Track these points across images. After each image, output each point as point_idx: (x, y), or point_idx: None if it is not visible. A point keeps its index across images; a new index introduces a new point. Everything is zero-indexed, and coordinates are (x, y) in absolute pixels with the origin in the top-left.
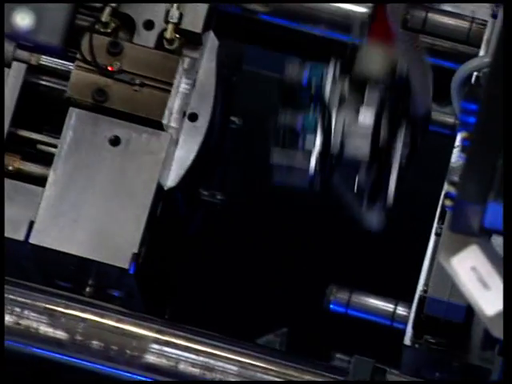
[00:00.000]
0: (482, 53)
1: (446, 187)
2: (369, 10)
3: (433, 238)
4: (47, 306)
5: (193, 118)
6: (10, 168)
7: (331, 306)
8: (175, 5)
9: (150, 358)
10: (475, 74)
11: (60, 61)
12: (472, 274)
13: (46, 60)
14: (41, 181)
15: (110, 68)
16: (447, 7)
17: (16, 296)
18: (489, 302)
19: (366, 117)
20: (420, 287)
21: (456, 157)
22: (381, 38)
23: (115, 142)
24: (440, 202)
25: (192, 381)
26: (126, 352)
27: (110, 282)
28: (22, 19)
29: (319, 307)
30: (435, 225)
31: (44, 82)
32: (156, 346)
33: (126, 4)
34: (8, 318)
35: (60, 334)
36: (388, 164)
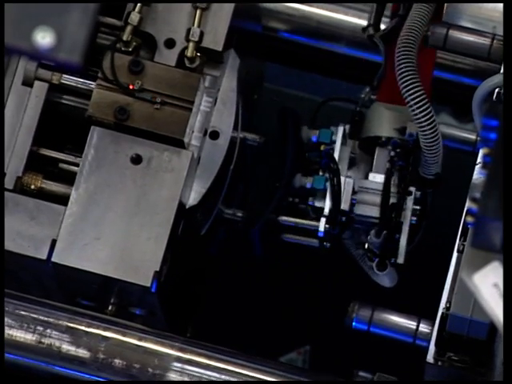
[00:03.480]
0: (503, 69)
1: (468, 204)
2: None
3: (455, 254)
4: (69, 324)
5: (214, 136)
6: (32, 187)
7: (353, 324)
8: (196, 23)
9: (172, 377)
10: (497, 90)
11: (81, 79)
12: (494, 290)
13: (67, 79)
14: (63, 199)
15: (131, 86)
16: (468, 24)
17: (38, 315)
18: None
19: (376, 176)
20: (442, 304)
21: (477, 173)
22: (390, 97)
23: (137, 160)
24: (462, 219)
25: None
26: (148, 370)
27: (131, 301)
28: (43, 38)
29: (341, 325)
30: (457, 241)
31: (65, 101)
32: (178, 365)
33: (147, 23)
34: (30, 337)
35: (82, 353)
36: (399, 223)
